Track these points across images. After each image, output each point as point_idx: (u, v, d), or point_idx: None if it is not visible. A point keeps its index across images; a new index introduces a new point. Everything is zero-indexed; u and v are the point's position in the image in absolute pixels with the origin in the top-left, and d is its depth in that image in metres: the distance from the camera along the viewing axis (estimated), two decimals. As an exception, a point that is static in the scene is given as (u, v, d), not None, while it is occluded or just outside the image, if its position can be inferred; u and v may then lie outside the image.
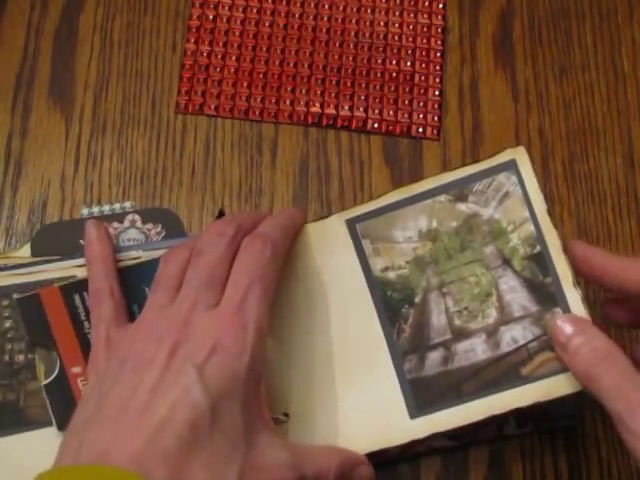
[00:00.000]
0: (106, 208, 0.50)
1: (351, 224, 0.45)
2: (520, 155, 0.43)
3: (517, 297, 0.42)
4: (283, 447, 0.37)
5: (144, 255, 0.45)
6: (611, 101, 0.55)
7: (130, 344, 0.38)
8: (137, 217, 0.49)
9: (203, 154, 0.53)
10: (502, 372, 0.41)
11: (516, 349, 0.41)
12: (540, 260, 0.42)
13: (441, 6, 0.57)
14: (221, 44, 0.55)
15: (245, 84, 0.55)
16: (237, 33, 0.56)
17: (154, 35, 0.56)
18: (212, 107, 0.54)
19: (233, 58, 0.55)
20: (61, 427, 0.42)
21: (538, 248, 0.42)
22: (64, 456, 0.34)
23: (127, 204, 0.50)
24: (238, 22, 0.56)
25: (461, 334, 0.42)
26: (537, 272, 0.42)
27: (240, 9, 0.56)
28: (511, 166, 0.43)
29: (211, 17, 0.56)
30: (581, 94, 0.55)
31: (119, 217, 0.49)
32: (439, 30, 0.57)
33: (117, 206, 0.50)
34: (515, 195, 0.43)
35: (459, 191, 0.44)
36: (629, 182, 0.54)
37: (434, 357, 0.42)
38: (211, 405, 0.34)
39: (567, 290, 0.41)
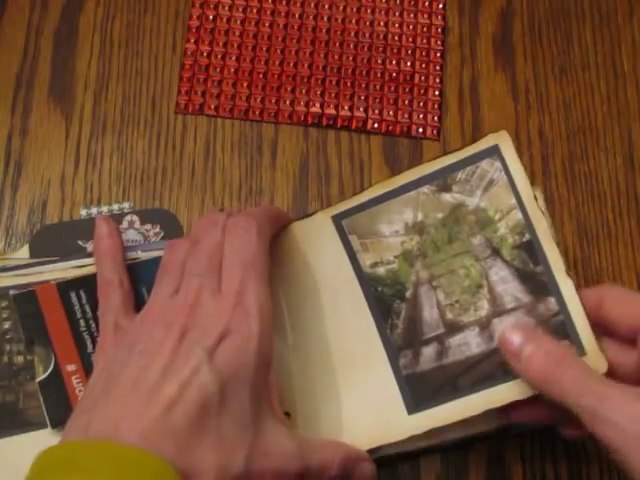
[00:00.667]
0: (104, 209, 0.50)
1: (337, 220, 0.44)
2: (503, 140, 0.42)
3: (508, 288, 0.41)
4: (290, 436, 0.37)
5: (143, 256, 0.45)
6: (611, 101, 0.55)
7: (139, 330, 0.38)
8: (135, 218, 0.49)
9: (203, 154, 0.53)
10: (497, 365, 0.41)
11: None
12: (530, 248, 0.41)
13: (441, 6, 0.57)
14: (221, 44, 0.55)
15: (245, 84, 0.55)
16: (237, 33, 0.56)
17: (154, 35, 0.56)
18: (212, 107, 0.54)
19: (233, 58, 0.55)
20: (55, 425, 0.42)
21: (527, 236, 0.41)
22: (71, 433, 0.34)
23: (125, 205, 0.50)
24: (238, 22, 0.56)
25: (454, 328, 0.42)
26: (527, 261, 0.41)
27: (240, 9, 0.56)
28: (494, 152, 0.42)
29: (211, 17, 0.56)
30: (581, 94, 0.55)
31: (117, 218, 0.49)
32: (439, 30, 0.57)
33: (115, 207, 0.50)
34: (500, 182, 0.42)
35: (442, 181, 0.43)
36: (629, 182, 0.54)
37: (428, 352, 0.42)
38: (220, 388, 0.34)
39: (559, 278, 0.40)
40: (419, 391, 0.42)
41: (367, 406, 0.42)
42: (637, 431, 0.34)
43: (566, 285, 0.40)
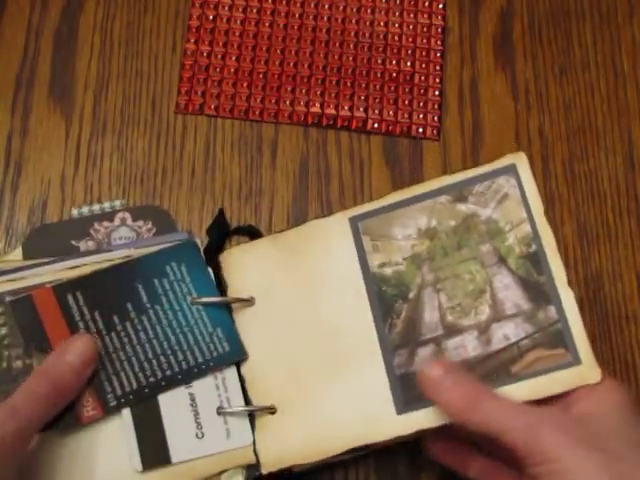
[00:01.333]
0: (96, 207, 0.50)
1: (354, 222, 0.46)
2: (520, 160, 0.44)
3: (510, 295, 0.42)
4: None
5: (136, 253, 0.45)
6: (611, 101, 0.55)
7: None
8: (127, 215, 0.49)
9: (203, 154, 0.53)
10: (491, 369, 0.41)
11: (507, 346, 0.42)
12: (535, 259, 0.42)
13: (441, 6, 0.57)
14: (221, 44, 0.55)
15: (245, 84, 0.55)
16: (237, 33, 0.56)
17: (154, 35, 0.56)
18: (212, 107, 0.54)
19: (233, 58, 0.55)
20: (62, 430, 0.42)
21: (534, 247, 0.43)
22: None
23: (117, 202, 0.50)
24: (238, 22, 0.56)
25: (453, 330, 0.43)
26: (532, 271, 0.42)
27: (240, 9, 0.56)
28: (511, 170, 0.44)
29: (211, 17, 0.56)
30: (581, 94, 0.55)
31: (109, 216, 0.49)
32: (439, 30, 0.57)
33: (107, 205, 0.50)
34: (514, 196, 0.44)
35: (459, 192, 0.44)
36: (629, 182, 0.54)
37: (424, 353, 0.43)
38: None
39: (561, 289, 0.42)
40: (410, 391, 0.42)
41: (357, 403, 0.43)
42: (581, 435, 0.36)
43: (567, 296, 0.42)
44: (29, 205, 0.51)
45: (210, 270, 0.46)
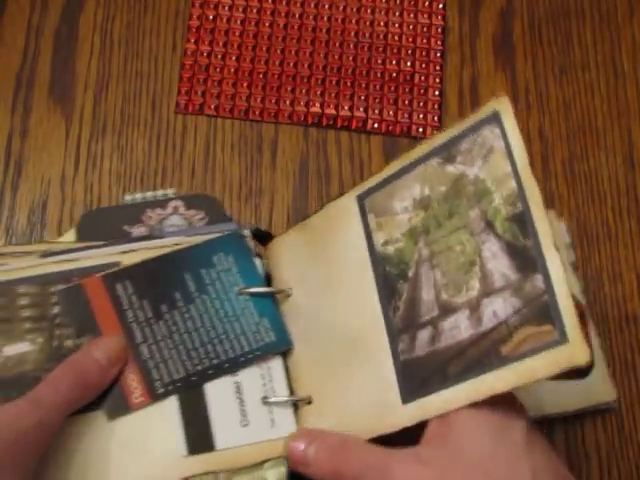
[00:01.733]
0: (149, 194, 0.50)
1: (360, 199, 0.45)
2: (503, 106, 0.41)
3: (498, 265, 0.40)
4: None
5: (187, 241, 0.45)
6: (611, 101, 0.55)
7: None
8: (180, 203, 0.49)
9: (203, 154, 0.53)
10: (483, 352, 0.39)
11: (497, 325, 0.39)
12: (521, 220, 0.39)
13: (441, 6, 0.57)
14: (221, 44, 0.56)
15: (245, 84, 0.55)
16: (237, 33, 0.56)
17: (154, 35, 0.56)
18: (212, 107, 0.54)
19: (233, 58, 0.55)
20: (111, 415, 0.42)
21: (519, 207, 0.39)
22: None
23: (169, 191, 0.50)
24: (238, 22, 0.56)
25: (447, 309, 0.41)
26: (518, 234, 0.39)
27: (240, 9, 0.56)
28: (495, 119, 0.41)
29: (211, 17, 0.56)
30: (581, 94, 0.55)
31: (162, 203, 0.49)
32: (439, 30, 0.57)
33: (159, 193, 0.50)
34: (498, 149, 0.41)
35: (448, 153, 0.42)
36: (629, 182, 0.54)
37: (423, 336, 0.41)
38: None
39: (547, 252, 0.38)
40: (413, 378, 0.41)
41: (368, 394, 0.42)
42: (429, 474, 0.35)
43: (554, 260, 0.38)
44: (29, 205, 0.51)
45: (258, 260, 0.46)
